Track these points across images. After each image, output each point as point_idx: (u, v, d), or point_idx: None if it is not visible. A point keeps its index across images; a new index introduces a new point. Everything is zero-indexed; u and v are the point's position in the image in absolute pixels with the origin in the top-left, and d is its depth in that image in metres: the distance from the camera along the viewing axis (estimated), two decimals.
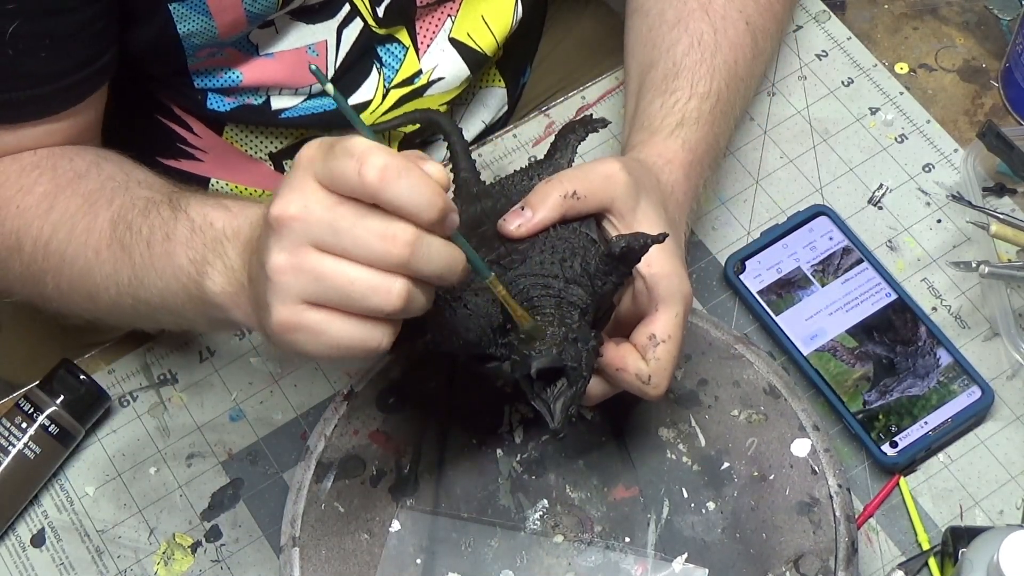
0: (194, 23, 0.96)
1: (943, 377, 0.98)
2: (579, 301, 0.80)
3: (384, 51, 1.08)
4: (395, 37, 1.07)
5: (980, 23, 1.15)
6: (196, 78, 1.02)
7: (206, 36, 0.97)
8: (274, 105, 1.06)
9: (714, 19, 0.98)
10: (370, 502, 0.92)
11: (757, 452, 0.92)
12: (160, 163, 1.11)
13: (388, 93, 1.08)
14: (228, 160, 1.11)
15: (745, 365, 0.95)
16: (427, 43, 1.09)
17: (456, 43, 1.10)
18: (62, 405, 0.98)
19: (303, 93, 1.06)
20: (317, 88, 1.05)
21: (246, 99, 1.05)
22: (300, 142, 1.11)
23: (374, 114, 1.08)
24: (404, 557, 0.90)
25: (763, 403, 0.94)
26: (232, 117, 1.06)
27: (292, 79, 1.04)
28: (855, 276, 1.02)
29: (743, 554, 0.89)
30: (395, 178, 0.68)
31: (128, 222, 0.87)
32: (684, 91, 0.95)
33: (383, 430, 0.95)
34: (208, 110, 1.05)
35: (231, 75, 1.03)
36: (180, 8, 0.95)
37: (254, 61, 1.02)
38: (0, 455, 0.96)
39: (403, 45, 1.08)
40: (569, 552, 0.90)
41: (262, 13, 0.98)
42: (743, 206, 1.07)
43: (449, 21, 1.09)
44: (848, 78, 1.12)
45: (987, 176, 1.06)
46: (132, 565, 0.96)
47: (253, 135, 1.10)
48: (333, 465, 0.93)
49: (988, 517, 0.95)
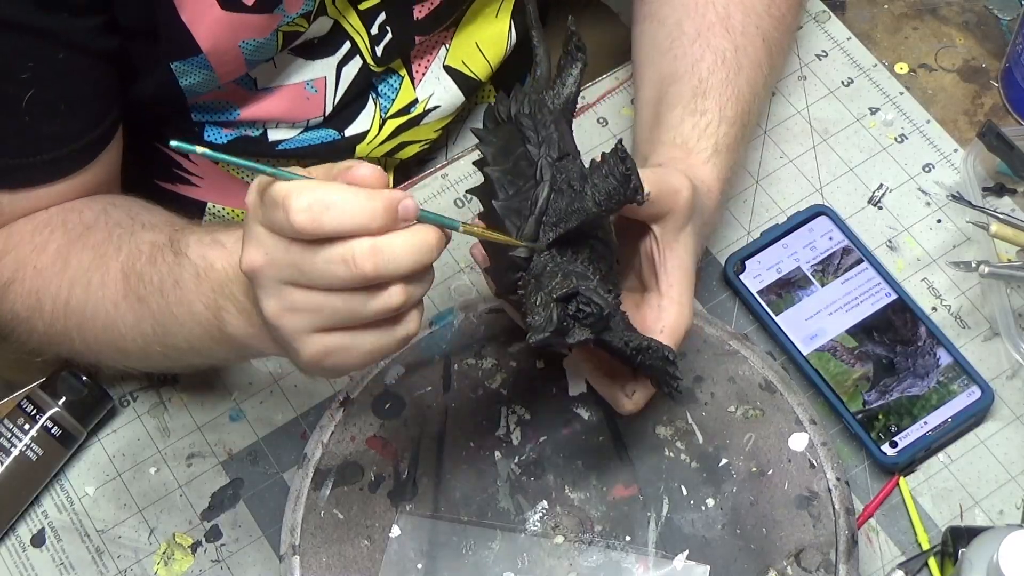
0: (196, 77, 0.97)
1: (943, 377, 0.98)
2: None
3: (381, 83, 1.08)
4: (392, 68, 1.08)
5: (980, 23, 1.15)
6: (194, 113, 1.03)
7: (208, 86, 0.98)
8: (271, 137, 1.06)
9: (734, 36, 0.98)
10: (369, 508, 0.92)
11: (755, 447, 0.93)
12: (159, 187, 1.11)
13: (384, 124, 1.09)
14: (224, 185, 1.12)
15: (740, 361, 0.95)
16: (422, 72, 1.09)
17: (451, 70, 1.10)
18: (64, 406, 0.98)
19: (300, 126, 1.06)
20: (315, 121, 1.06)
21: (243, 131, 1.05)
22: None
23: (371, 144, 1.09)
24: (405, 562, 0.90)
25: (759, 398, 0.94)
26: (229, 148, 1.06)
27: (290, 114, 1.05)
28: (855, 276, 1.02)
29: (744, 549, 0.89)
30: (323, 211, 0.69)
31: (138, 272, 0.88)
32: (714, 114, 0.95)
33: (380, 436, 0.95)
34: (205, 142, 1.05)
35: (229, 109, 1.03)
36: (182, 66, 0.95)
37: (252, 96, 1.03)
38: (1, 456, 0.97)
39: (399, 75, 1.08)
40: (570, 552, 0.90)
41: (263, 59, 0.99)
42: (743, 206, 1.07)
43: (443, 49, 1.10)
44: (848, 78, 1.12)
45: (987, 176, 1.06)
46: (132, 565, 0.96)
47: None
48: (331, 472, 0.93)
49: (988, 517, 0.95)
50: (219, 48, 0.95)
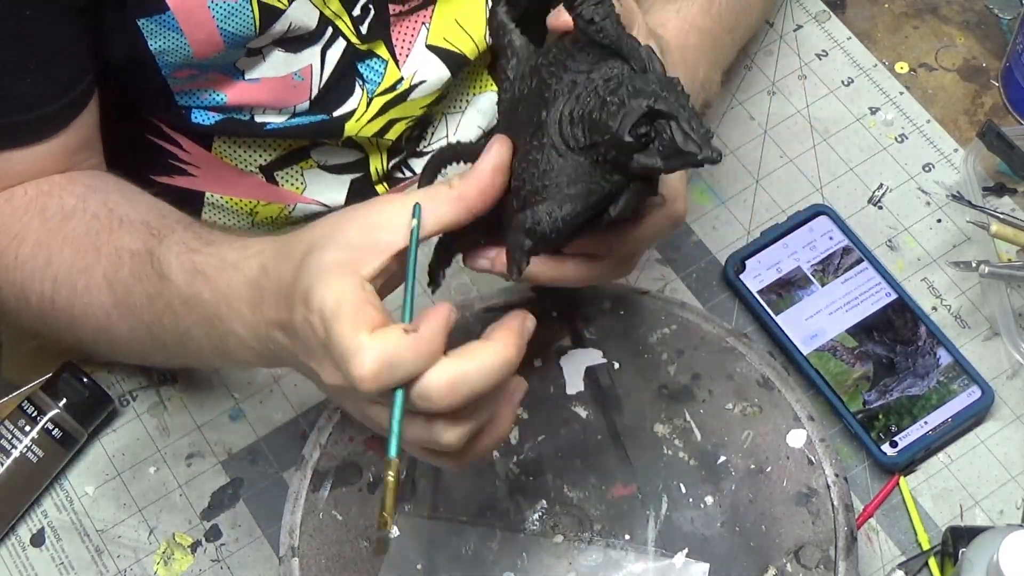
0: (165, 40, 0.95)
1: (943, 377, 0.98)
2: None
3: (365, 67, 1.08)
4: (375, 52, 1.08)
5: (980, 23, 1.15)
6: (179, 97, 1.02)
7: (180, 55, 0.97)
8: (258, 119, 1.06)
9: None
10: (368, 509, 0.92)
11: (753, 444, 0.93)
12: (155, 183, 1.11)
13: (372, 101, 1.09)
14: (220, 174, 1.11)
15: (737, 358, 0.95)
16: (405, 54, 1.09)
17: (434, 48, 1.10)
18: (65, 408, 0.97)
19: (287, 112, 1.06)
20: (302, 107, 1.06)
21: (231, 115, 1.05)
22: (289, 154, 1.11)
23: (359, 123, 1.09)
24: (404, 563, 0.90)
25: (757, 395, 0.94)
26: (218, 130, 1.06)
27: (276, 102, 1.05)
28: (855, 276, 1.02)
29: (743, 547, 0.89)
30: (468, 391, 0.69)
31: (124, 285, 0.87)
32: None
33: (378, 436, 0.95)
34: (193, 123, 1.05)
35: (215, 96, 1.03)
36: (148, 24, 0.94)
37: (238, 85, 1.02)
38: (2, 457, 0.96)
39: (382, 59, 1.08)
40: (570, 552, 0.90)
41: (238, 34, 0.97)
42: (743, 206, 1.07)
43: (424, 29, 1.09)
44: (848, 78, 1.12)
45: (987, 176, 1.06)
46: (132, 565, 0.96)
47: (242, 149, 1.10)
48: (329, 473, 0.93)
49: (988, 517, 0.95)
50: (186, 5, 0.94)
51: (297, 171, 1.12)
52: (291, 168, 1.12)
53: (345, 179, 1.14)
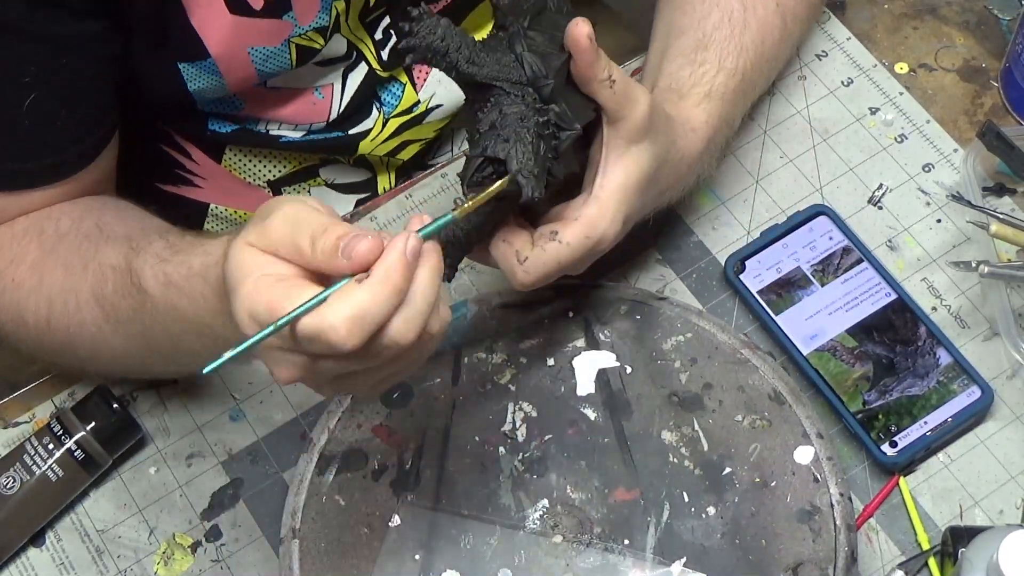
0: (204, 82, 0.97)
1: (943, 377, 0.98)
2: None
3: (384, 91, 1.09)
4: (395, 77, 1.08)
5: (980, 23, 1.15)
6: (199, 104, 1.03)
7: (217, 92, 0.98)
8: (273, 132, 1.07)
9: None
10: (371, 496, 0.92)
11: (760, 458, 0.92)
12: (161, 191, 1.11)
13: (387, 122, 1.09)
14: (227, 186, 1.12)
15: (751, 370, 0.95)
16: (423, 78, 1.10)
17: None
18: (92, 432, 0.96)
19: (303, 128, 1.06)
20: (318, 126, 1.06)
21: (247, 125, 1.06)
22: (299, 170, 1.11)
23: (374, 142, 1.09)
24: (403, 552, 0.90)
25: (768, 409, 0.94)
26: (233, 139, 1.06)
27: (295, 116, 1.05)
28: (855, 276, 1.02)
29: (742, 560, 0.89)
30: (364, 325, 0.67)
31: (110, 302, 0.87)
32: (712, 64, 0.97)
33: (386, 424, 0.95)
34: (209, 131, 1.05)
35: (233, 100, 1.04)
36: (190, 68, 0.95)
37: (260, 92, 1.03)
38: (25, 474, 0.95)
39: (401, 83, 1.09)
40: (568, 553, 0.90)
41: (274, 73, 0.99)
42: (743, 206, 1.07)
43: None
44: (848, 78, 1.12)
45: (987, 176, 1.06)
46: (132, 565, 0.96)
47: (253, 161, 1.10)
48: (335, 458, 0.94)
49: (988, 517, 0.95)
50: (228, 53, 0.95)
51: (304, 189, 1.13)
52: (299, 185, 1.12)
53: (351, 198, 1.15)
